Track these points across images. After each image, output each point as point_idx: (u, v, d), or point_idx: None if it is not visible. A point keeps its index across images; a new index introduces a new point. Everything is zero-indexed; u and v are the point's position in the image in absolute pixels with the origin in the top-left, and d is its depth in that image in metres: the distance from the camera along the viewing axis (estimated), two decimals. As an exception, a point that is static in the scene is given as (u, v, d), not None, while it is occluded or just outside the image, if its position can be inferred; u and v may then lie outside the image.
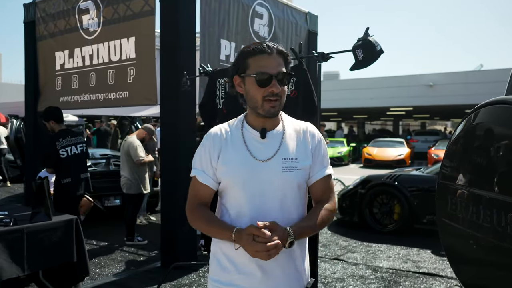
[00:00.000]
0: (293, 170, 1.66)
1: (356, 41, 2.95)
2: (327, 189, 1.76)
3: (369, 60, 2.87)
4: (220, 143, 1.71)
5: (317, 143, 1.76)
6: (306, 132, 1.75)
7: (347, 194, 7.62)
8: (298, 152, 1.70)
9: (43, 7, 6.63)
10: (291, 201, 1.68)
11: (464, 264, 2.02)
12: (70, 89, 6.24)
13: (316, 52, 3.23)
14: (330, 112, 32.11)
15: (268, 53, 1.64)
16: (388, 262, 5.58)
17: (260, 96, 1.63)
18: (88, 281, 4.82)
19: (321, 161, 1.75)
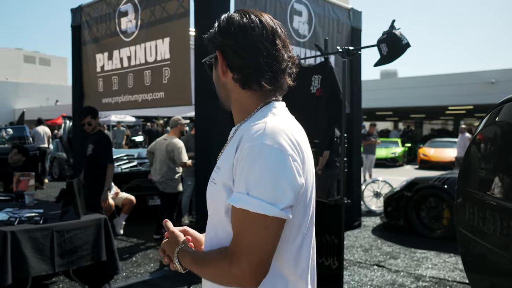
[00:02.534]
0: (211, 182, 1.27)
1: (381, 35, 2.75)
2: (233, 224, 1.17)
3: (394, 55, 2.66)
4: None
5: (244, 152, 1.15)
6: (239, 139, 1.21)
7: (393, 197, 7.29)
8: (223, 161, 1.25)
9: (88, 11, 6.84)
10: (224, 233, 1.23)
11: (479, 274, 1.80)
12: (111, 90, 6.39)
13: (341, 48, 3.05)
14: (385, 112, 31.15)
15: None
16: (432, 270, 5.25)
17: None
18: (122, 279, 4.88)
19: (238, 181, 1.15)
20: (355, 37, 7.25)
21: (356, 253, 5.99)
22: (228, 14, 1.32)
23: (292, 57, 1.32)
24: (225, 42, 1.27)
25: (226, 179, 1.19)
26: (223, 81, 1.32)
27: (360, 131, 8.00)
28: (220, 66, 1.30)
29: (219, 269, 1.17)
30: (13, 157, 5.68)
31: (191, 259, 1.27)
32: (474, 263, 1.84)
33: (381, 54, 2.72)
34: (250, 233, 1.11)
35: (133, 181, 7.84)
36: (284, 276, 1.21)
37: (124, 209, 6.84)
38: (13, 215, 3.89)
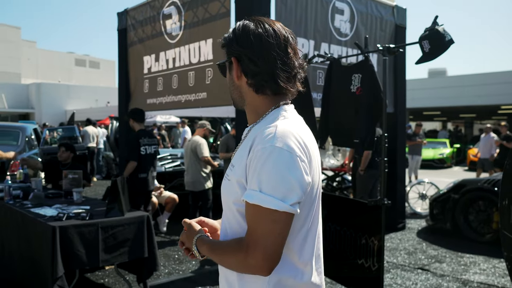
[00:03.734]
0: (225, 179, 1.38)
1: (423, 31, 2.67)
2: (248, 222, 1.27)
3: (437, 52, 2.58)
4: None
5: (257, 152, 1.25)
6: (253, 140, 1.31)
7: (439, 199, 7.05)
8: (237, 160, 1.35)
9: (133, 14, 7.05)
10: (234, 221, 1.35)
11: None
12: (156, 91, 6.55)
13: (381, 46, 2.99)
14: (433, 111, 30.20)
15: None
16: (481, 275, 5.05)
17: None
18: (165, 275, 4.99)
19: (251, 179, 1.26)
20: (399, 34, 7.07)
21: (400, 255, 5.84)
22: (243, 23, 1.40)
23: (301, 64, 1.42)
24: (241, 50, 1.36)
25: (239, 177, 1.30)
26: (238, 84, 1.41)
27: (404, 131, 7.80)
28: (235, 72, 1.39)
29: (235, 259, 1.28)
30: (62, 155, 5.93)
31: (209, 247, 1.37)
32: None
33: (423, 51, 2.64)
34: (262, 226, 1.22)
35: (176, 180, 8.00)
36: (292, 263, 1.33)
37: (167, 207, 7.00)
38: (61, 211, 4.07)
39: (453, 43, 2.57)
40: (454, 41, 2.56)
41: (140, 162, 5.67)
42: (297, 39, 1.44)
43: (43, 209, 4.27)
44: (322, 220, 3.52)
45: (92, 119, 14.82)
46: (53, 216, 3.91)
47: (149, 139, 5.85)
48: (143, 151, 5.71)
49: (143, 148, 5.71)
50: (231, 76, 1.42)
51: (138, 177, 5.70)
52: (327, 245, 3.75)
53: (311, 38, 5.72)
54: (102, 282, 4.75)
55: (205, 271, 5.22)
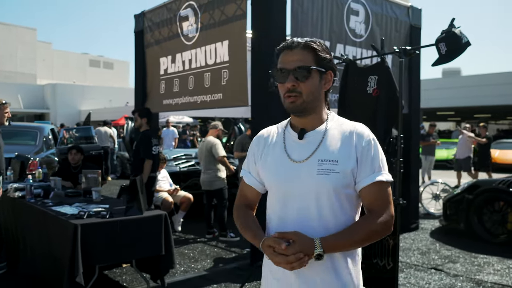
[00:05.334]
0: (329, 173, 1.54)
1: (440, 33, 2.71)
2: (377, 198, 1.57)
3: (453, 54, 2.62)
4: (264, 145, 1.72)
5: (366, 145, 1.57)
6: (353, 133, 1.60)
7: (453, 199, 7.04)
8: (339, 154, 1.56)
9: (150, 16, 7.15)
10: (329, 207, 1.56)
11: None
12: (172, 92, 6.65)
13: (398, 48, 3.03)
14: (447, 112, 29.97)
15: (290, 48, 1.60)
16: (495, 276, 5.05)
17: (282, 93, 1.62)
18: (181, 273, 5.08)
19: (371, 165, 1.57)
20: (414, 35, 7.08)
21: (413, 255, 5.86)
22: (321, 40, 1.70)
23: None
24: (333, 66, 1.67)
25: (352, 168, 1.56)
26: (319, 92, 1.63)
27: (418, 132, 7.80)
28: (328, 82, 1.65)
29: (381, 226, 1.55)
30: (75, 158, 6.07)
31: (336, 238, 1.52)
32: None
33: (439, 53, 2.68)
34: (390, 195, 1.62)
35: (191, 179, 8.10)
36: None
37: (182, 207, 7.09)
38: (82, 209, 4.17)
39: (470, 45, 2.61)
40: (471, 43, 2.60)
41: (154, 161, 5.85)
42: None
43: (63, 207, 4.39)
44: None
45: (108, 120, 15.04)
46: (74, 214, 4.02)
47: (155, 139, 6.05)
48: (155, 151, 5.87)
49: (155, 148, 5.87)
50: (317, 83, 1.61)
51: (149, 176, 5.85)
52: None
53: (326, 39, 5.77)
54: (119, 280, 4.86)
55: (219, 269, 5.30)
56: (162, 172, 7.07)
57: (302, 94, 1.58)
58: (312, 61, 1.58)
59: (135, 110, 6.24)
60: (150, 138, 5.87)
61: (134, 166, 6.03)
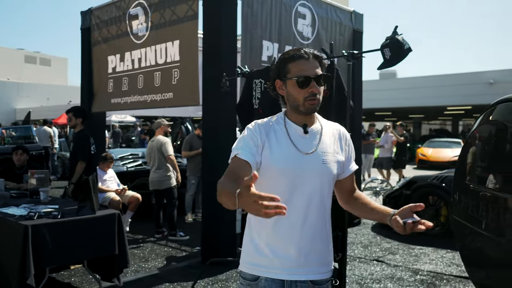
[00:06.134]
0: (330, 163, 1.86)
1: (385, 40, 2.94)
2: (354, 181, 2.04)
3: (396, 59, 2.85)
4: (266, 131, 1.82)
5: (349, 142, 1.98)
6: (340, 132, 1.95)
7: (392, 195, 7.48)
8: (335, 148, 1.90)
9: (98, 14, 7.03)
10: (328, 192, 1.89)
11: (477, 265, 1.99)
12: (121, 91, 6.58)
13: (346, 52, 3.24)
14: (384, 112, 31.34)
15: (306, 58, 1.82)
16: (430, 265, 5.45)
17: (302, 97, 1.80)
18: (132, 273, 5.07)
19: (352, 158, 1.98)
20: (357, 39, 7.44)
21: (356, 249, 6.18)
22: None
23: None
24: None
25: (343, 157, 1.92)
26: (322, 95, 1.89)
27: (360, 130, 8.20)
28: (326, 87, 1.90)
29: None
30: (20, 158, 5.88)
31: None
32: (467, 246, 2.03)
33: (384, 58, 2.91)
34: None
35: (138, 179, 8.02)
36: None
37: (130, 207, 7.01)
38: (31, 210, 4.07)
39: (411, 51, 2.85)
40: (412, 49, 2.85)
41: (91, 161, 5.71)
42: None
43: (10, 208, 4.25)
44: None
45: (48, 119, 14.45)
46: (23, 215, 3.91)
47: (92, 138, 5.86)
48: (93, 150, 5.74)
49: (93, 148, 5.74)
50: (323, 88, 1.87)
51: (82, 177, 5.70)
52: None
53: (275, 41, 5.95)
54: (68, 282, 4.77)
55: (171, 268, 5.33)
56: (109, 172, 6.96)
57: (319, 97, 1.84)
58: (321, 69, 1.85)
59: (69, 109, 5.96)
60: (88, 138, 5.70)
61: (73, 167, 5.82)
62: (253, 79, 4.46)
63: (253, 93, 4.43)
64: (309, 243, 1.80)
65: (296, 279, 1.79)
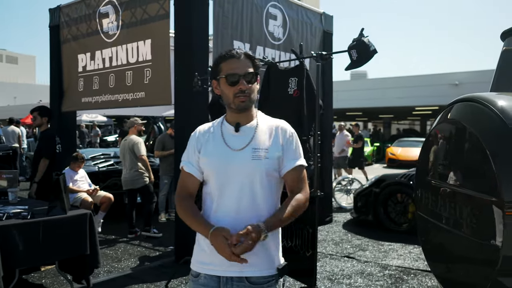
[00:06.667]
0: (261, 159, 1.84)
1: (351, 41, 3.04)
2: (298, 179, 1.90)
3: (363, 60, 2.96)
4: (203, 138, 1.94)
5: (288, 137, 1.91)
6: (278, 128, 1.93)
7: (362, 193, 7.66)
8: (268, 144, 1.87)
9: (67, 11, 6.93)
10: (260, 187, 1.85)
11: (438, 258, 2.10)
12: (91, 90, 6.51)
13: (315, 53, 3.33)
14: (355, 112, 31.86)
15: (237, 57, 1.87)
16: (398, 260, 5.62)
17: (232, 94, 1.85)
18: (104, 274, 5.04)
19: (293, 153, 1.91)
20: (327, 40, 7.57)
21: (328, 246, 6.31)
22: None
23: None
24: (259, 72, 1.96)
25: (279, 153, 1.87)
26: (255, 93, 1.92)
27: (331, 130, 8.35)
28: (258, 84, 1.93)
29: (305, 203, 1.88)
30: None
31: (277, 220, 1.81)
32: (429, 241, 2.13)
33: (351, 59, 3.01)
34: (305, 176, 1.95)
35: (110, 179, 7.95)
36: None
37: (102, 207, 6.95)
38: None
39: (377, 52, 2.96)
40: (378, 51, 2.95)
41: (55, 161, 5.66)
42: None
43: (-23, 209, 4.16)
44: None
45: (14, 118, 14.06)
46: (-9, 216, 3.84)
47: (58, 138, 5.84)
48: (58, 149, 5.71)
49: (58, 147, 5.71)
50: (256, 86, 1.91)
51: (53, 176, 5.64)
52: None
53: (246, 42, 6.01)
54: (39, 283, 4.70)
55: (144, 267, 5.32)
56: (80, 172, 6.88)
57: (250, 94, 1.87)
58: (253, 68, 1.89)
59: (34, 108, 5.92)
60: (54, 137, 5.70)
61: (35, 166, 5.75)
62: (225, 79, 4.49)
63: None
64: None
65: (231, 276, 1.80)
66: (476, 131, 1.75)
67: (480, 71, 22.10)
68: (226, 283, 1.81)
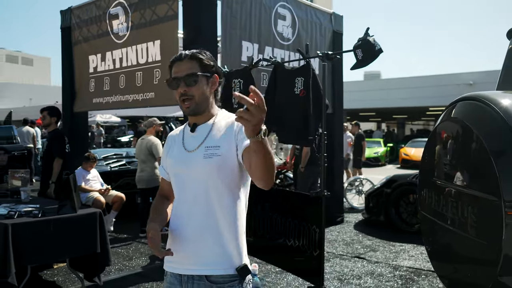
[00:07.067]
0: (212, 156, 1.79)
1: (357, 41, 3.03)
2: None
3: (368, 60, 2.95)
4: (171, 141, 1.98)
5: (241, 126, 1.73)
6: (232, 120, 1.83)
7: (373, 193, 7.61)
8: (221, 141, 1.81)
9: (78, 13, 7.02)
10: (213, 185, 1.80)
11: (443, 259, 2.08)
12: (102, 90, 6.58)
13: (321, 53, 3.33)
14: (368, 112, 31.67)
15: (180, 59, 1.84)
16: (409, 261, 5.57)
17: (177, 98, 1.85)
18: (115, 272, 5.09)
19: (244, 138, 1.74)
20: (337, 40, 7.54)
21: (338, 246, 6.28)
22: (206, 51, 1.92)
23: None
24: (218, 71, 1.88)
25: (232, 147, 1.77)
26: (208, 93, 1.85)
27: (341, 130, 8.30)
28: (214, 84, 1.87)
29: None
30: (3, 158, 5.88)
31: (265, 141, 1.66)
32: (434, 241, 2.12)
33: (356, 59, 3.00)
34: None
35: (122, 179, 8.03)
36: None
37: (114, 207, 7.02)
38: (11, 209, 4.08)
39: (382, 52, 2.95)
40: (383, 51, 2.94)
41: (65, 160, 5.73)
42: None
43: (-10, 208, 4.24)
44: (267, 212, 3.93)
45: (29, 119, 14.25)
46: (3, 214, 3.91)
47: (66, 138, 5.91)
48: (68, 149, 5.80)
49: (68, 147, 5.80)
50: (204, 87, 1.83)
51: (62, 176, 5.71)
52: (273, 236, 4.06)
53: (255, 42, 6.02)
54: (52, 281, 4.78)
55: (155, 266, 5.36)
56: (92, 172, 6.96)
57: (195, 96, 1.82)
58: (199, 69, 1.82)
59: (44, 108, 6.00)
60: (63, 136, 5.77)
61: (46, 166, 5.81)
62: (232, 79, 4.53)
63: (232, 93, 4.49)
64: (198, 239, 1.78)
65: (190, 274, 1.80)
66: (478, 131, 1.73)
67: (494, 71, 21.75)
68: (187, 281, 1.81)
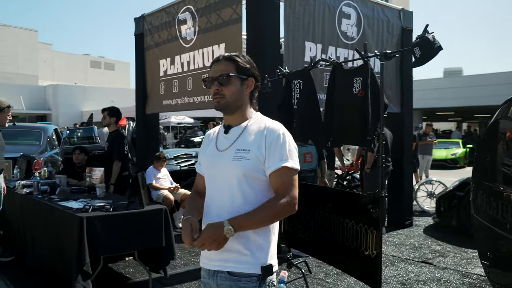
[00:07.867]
0: (241, 159, 1.85)
1: (415, 38, 2.95)
2: (283, 181, 1.84)
3: (426, 58, 2.86)
4: (208, 140, 2.08)
5: (275, 137, 1.86)
6: (266, 128, 1.89)
7: (446, 196, 7.27)
8: (251, 144, 1.86)
9: (150, 20, 7.41)
10: (238, 187, 1.85)
11: (498, 266, 1.97)
12: (171, 93, 6.90)
13: (378, 52, 3.27)
14: (446, 111, 30.12)
15: (217, 61, 1.94)
16: (481, 269, 5.21)
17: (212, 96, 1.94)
18: (181, 266, 5.32)
19: (279, 155, 1.84)
20: (406, 37, 7.29)
21: (405, 250, 6.09)
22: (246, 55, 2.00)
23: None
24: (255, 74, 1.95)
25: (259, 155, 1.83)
26: (241, 94, 1.92)
27: (411, 131, 8.00)
28: (249, 87, 1.93)
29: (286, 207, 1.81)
30: (78, 157, 6.34)
31: (245, 219, 1.79)
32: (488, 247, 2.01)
33: (414, 57, 2.92)
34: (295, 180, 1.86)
35: (191, 178, 8.35)
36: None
37: (183, 204, 7.32)
38: (87, 204, 4.42)
39: (442, 49, 2.84)
40: (443, 48, 2.83)
41: (124, 161, 6.07)
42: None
43: (69, 202, 4.63)
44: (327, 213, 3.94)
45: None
46: (79, 208, 4.26)
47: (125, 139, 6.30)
48: (126, 150, 6.11)
49: (126, 148, 6.11)
50: (240, 88, 1.91)
51: (121, 175, 6.05)
52: (332, 237, 4.04)
53: (318, 42, 6.00)
54: (122, 272, 5.10)
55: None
56: (162, 171, 7.30)
57: (225, 96, 1.89)
58: (234, 70, 1.90)
59: (105, 108, 6.34)
60: (123, 138, 6.12)
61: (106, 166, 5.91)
62: (293, 80, 4.56)
63: (292, 93, 4.53)
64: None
65: (216, 269, 1.88)
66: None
67: None
68: (213, 275, 1.89)
